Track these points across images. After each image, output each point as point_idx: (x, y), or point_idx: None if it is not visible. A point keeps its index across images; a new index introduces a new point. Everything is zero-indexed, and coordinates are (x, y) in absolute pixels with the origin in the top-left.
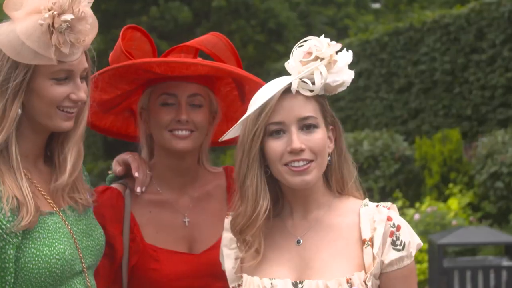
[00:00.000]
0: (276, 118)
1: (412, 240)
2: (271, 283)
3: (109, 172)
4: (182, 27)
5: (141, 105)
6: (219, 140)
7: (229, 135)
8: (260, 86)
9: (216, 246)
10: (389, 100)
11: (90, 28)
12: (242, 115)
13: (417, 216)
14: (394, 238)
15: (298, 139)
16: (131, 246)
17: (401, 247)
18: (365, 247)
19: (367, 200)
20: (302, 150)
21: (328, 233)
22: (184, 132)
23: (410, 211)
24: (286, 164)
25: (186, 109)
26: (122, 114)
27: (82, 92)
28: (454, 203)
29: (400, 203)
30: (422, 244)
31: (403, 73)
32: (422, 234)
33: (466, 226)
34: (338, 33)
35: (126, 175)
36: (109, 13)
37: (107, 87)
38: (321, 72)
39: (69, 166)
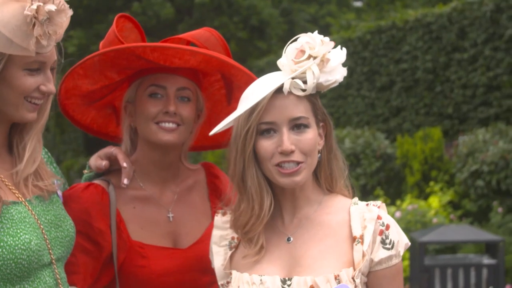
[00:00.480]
0: (267, 118)
1: (401, 240)
2: (261, 280)
3: (85, 171)
4: (164, 23)
5: (127, 99)
6: (209, 134)
7: (217, 128)
8: (251, 80)
9: (202, 240)
10: (370, 98)
11: (66, 21)
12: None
13: (398, 214)
14: (384, 237)
15: (288, 140)
16: (118, 242)
17: (390, 246)
18: (356, 244)
19: (356, 198)
20: (292, 151)
21: (318, 231)
22: (171, 125)
23: (391, 209)
24: (276, 165)
25: (175, 101)
26: (104, 110)
27: (51, 84)
28: (434, 201)
29: (381, 200)
30: (409, 243)
31: (385, 71)
32: (403, 231)
33: (447, 224)
34: (320, 31)
35: (107, 171)
36: (91, 8)
37: (95, 74)
38: (313, 72)
39: (27, 155)
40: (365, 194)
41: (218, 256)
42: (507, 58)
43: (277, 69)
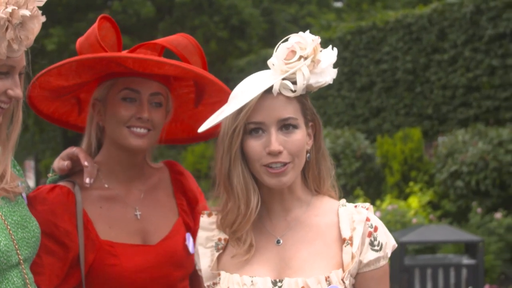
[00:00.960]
0: (256, 118)
1: (388, 241)
2: (252, 281)
3: (49, 175)
4: (144, 22)
5: (97, 97)
6: (198, 131)
7: (205, 126)
8: (224, 90)
9: (171, 236)
10: (351, 98)
11: (37, 27)
12: (191, 117)
13: (377, 214)
14: (372, 239)
15: (276, 141)
16: (86, 243)
17: (378, 248)
18: (345, 246)
19: (344, 200)
20: (280, 152)
21: (307, 233)
22: (142, 130)
23: None
24: (265, 165)
25: (148, 107)
26: (69, 101)
27: (19, 89)
28: (414, 202)
29: (361, 201)
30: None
31: (365, 71)
32: None
33: (427, 224)
34: (300, 31)
35: (71, 173)
36: (71, 6)
37: (70, 74)
38: (303, 74)
39: None
40: (345, 194)
41: (205, 258)
42: (486, 59)
43: (257, 69)
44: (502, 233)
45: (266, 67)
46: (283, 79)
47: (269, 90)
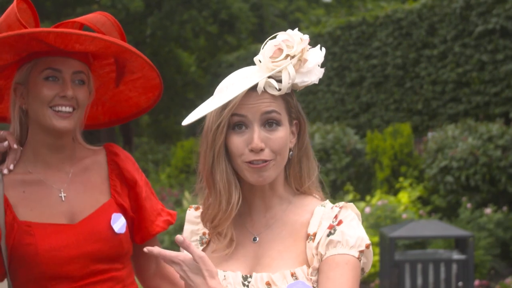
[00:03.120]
0: (239, 111)
1: (353, 233)
2: (224, 276)
3: None
4: (133, 17)
5: (18, 80)
6: (182, 124)
7: (189, 119)
8: (146, 64)
9: (95, 216)
10: (340, 93)
11: None
12: (112, 98)
13: (367, 209)
14: (332, 230)
15: (259, 138)
16: (8, 229)
17: (336, 236)
18: (308, 242)
19: (327, 201)
20: (262, 149)
21: (281, 231)
22: (67, 109)
23: (361, 204)
24: (246, 162)
25: (72, 86)
26: None
27: None
28: (404, 197)
29: (351, 196)
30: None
31: (355, 67)
32: (373, 227)
33: (417, 219)
34: (289, 26)
35: None
36: (60, 1)
37: None
38: (289, 73)
39: None
40: (335, 190)
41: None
42: (476, 54)
43: (247, 64)
44: (492, 228)
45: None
46: (269, 77)
47: (254, 87)
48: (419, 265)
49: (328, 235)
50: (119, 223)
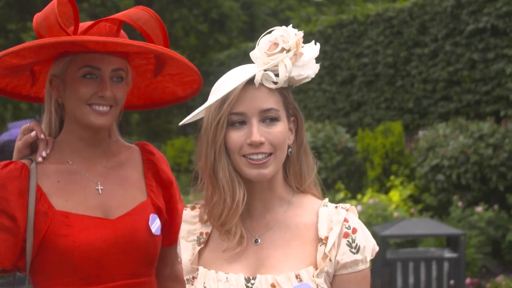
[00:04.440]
0: (238, 109)
1: (368, 245)
2: (226, 278)
3: None
4: None
5: (54, 72)
6: (179, 124)
7: (187, 119)
8: (188, 69)
9: (133, 213)
10: (331, 92)
11: None
12: (148, 86)
13: (359, 208)
14: (350, 240)
15: (258, 132)
16: (37, 218)
17: (355, 251)
18: (320, 245)
19: (326, 200)
20: (261, 143)
21: (285, 233)
22: (104, 108)
23: (352, 203)
24: (244, 156)
25: (110, 84)
26: (22, 73)
27: None
28: (395, 195)
29: (342, 194)
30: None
31: (346, 65)
32: (365, 226)
33: (408, 218)
34: (280, 25)
35: (31, 152)
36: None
37: (28, 54)
38: (285, 65)
39: None
40: (326, 188)
41: (186, 251)
42: (467, 53)
43: (238, 62)
44: (483, 227)
45: (246, 60)
46: (265, 70)
47: (251, 82)
48: (411, 263)
49: (348, 246)
50: (155, 225)
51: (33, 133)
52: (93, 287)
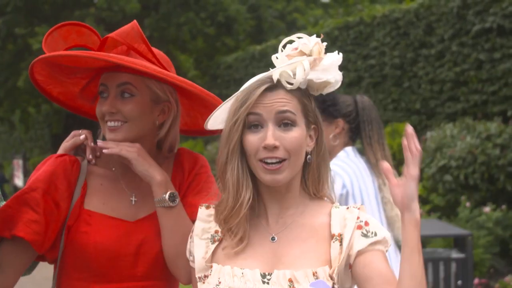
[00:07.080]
0: (255, 110)
1: (383, 230)
2: (242, 273)
3: None
4: (130, 19)
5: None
6: (205, 128)
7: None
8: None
9: (151, 217)
10: (339, 94)
11: None
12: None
13: None
14: (364, 231)
15: (273, 136)
16: (73, 211)
17: (373, 234)
18: (333, 242)
19: (337, 203)
20: (276, 147)
21: (301, 232)
22: (114, 124)
23: None
24: (260, 160)
25: (115, 99)
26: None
27: None
28: None
29: None
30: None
31: (353, 67)
32: None
33: None
34: (287, 27)
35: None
36: (57, 4)
37: (66, 79)
38: (303, 66)
39: None
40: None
41: (199, 249)
42: (474, 53)
43: (245, 65)
44: (491, 227)
45: (253, 63)
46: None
47: (271, 89)
48: None
49: (363, 236)
50: None
51: (82, 137)
52: (104, 285)
